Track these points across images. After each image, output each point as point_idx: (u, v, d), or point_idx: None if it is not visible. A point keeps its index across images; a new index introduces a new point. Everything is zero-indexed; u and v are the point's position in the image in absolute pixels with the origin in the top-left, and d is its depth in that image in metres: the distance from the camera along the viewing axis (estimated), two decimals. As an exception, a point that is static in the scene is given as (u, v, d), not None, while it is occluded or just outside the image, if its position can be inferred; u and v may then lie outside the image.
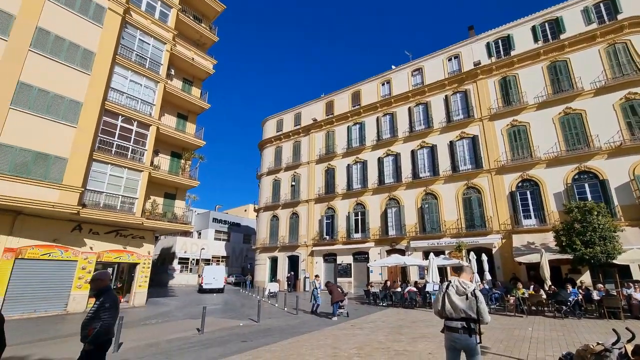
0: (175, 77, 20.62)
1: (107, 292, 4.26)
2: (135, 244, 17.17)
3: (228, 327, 11.15)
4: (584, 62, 19.65)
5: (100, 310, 4.07)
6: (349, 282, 25.70)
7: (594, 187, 17.88)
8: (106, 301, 4.13)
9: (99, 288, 4.28)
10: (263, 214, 33.59)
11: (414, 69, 27.22)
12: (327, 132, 31.00)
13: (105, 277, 4.50)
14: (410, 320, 12.41)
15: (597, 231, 13.57)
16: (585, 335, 9.08)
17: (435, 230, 22.35)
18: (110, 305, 4.14)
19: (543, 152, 19.67)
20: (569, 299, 12.69)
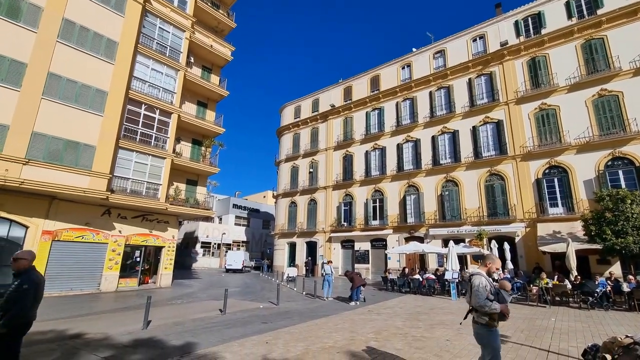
0: (194, 64, 20.84)
1: (26, 273, 3.91)
2: (161, 228, 17.88)
3: (249, 309, 11.54)
4: (623, 40, 18.22)
5: (17, 292, 3.74)
6: (366, 268, 25.85)
7: (629, 174, 16.88)
8: (24, 282, 3.80)
9: (19, 269, 3.91)
10: (281, 200, 34.03)
11: (436, 51, 26.20)
12: (345, 118, 30.66)
13: (28, 257, 4.04)
14: (428, 307, 12.39)
15: (630, 220, 12.90)
16: (613, 327, 8.78)
17: (456, 217, 21.93)
18: (28, 287, 3.80)
19: (573, 137, 18.68)
20: (597, 290, 12.24)
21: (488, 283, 3.94)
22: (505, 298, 3.89)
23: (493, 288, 3.90)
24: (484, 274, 4.02)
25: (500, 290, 3.94)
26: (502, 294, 3.89)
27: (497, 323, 3.86)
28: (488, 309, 3.79)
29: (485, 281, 3.96)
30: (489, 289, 3.87)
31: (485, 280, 3.97)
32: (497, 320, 3.84)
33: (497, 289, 3.92)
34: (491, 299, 3.82)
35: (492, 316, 3.85)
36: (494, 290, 3.89)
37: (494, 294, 3.87)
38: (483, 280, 3.96)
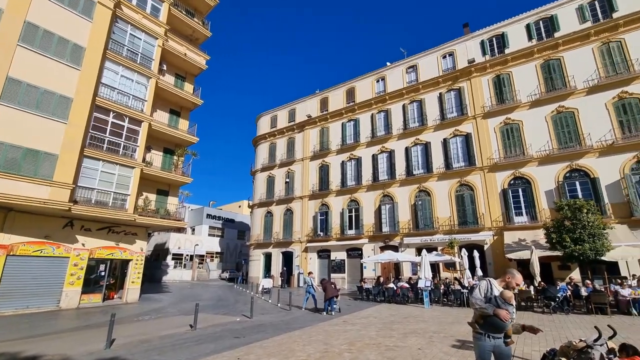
0: (167, 72, 20.39)
1: None
2: (128, 241, 17.07)
3: (221, 323, 11.18)
4: (577, 61, 19.80)
5: None
6: (342, 278, 25.86)
7: (585, 185, 18.13)
8: None
9: None
10: (257, 210, 33.56)
11: (409, 66, 27.23)
12: (322, 129, 30.96)
13: None
14: (402, 316, 12.54)
15: (587, 229, 13.80)
16: (572, 331, 9.26)
17: (428, 226, 22.52)
18: None
19: (535, 150, 19.87)
20: (558, 295, 12.92)
21: (489, 289, 3.88)
22: (500, 307, 3.72)
23: (491, 295, 3.81)
24: (493, 281, 3.96)
25: (497, 298, 3.78)
26: (499, 302, 3.74)
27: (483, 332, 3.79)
28: (478, 307, 3.76)
29: (486, 285, 3.92)
30: (485, 292, 3.84)
31: (487, 284, 3.93)
32: (484, 328, 3.79)
33: (493, 297, 3.80)
34: (483, 300, 3.80)
35: (478, 320, 3.83)
36: (490, 295, 3.81)
37: (487, 299, 3.80)
38: (484, 285, 3.93)
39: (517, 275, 3.97)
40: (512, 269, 4.12)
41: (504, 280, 3.99)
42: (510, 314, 3.73)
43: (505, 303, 3.77)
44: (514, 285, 3.95)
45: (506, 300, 3.78)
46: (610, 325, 4.08)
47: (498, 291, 3.89)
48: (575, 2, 20.77)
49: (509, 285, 3.94)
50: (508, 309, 3.74)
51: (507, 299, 3.80)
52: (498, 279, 4.08)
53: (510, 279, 3.94)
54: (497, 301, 3.76)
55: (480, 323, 3.84)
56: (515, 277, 3.94)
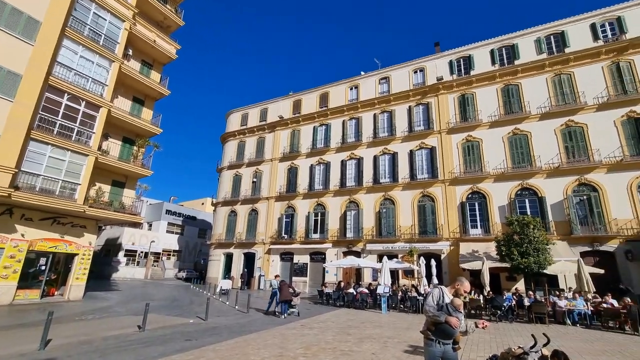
0: (133, 58, 19.29)
1: None
2: (75, 233, 15.81)
3: (173, 325, 10.66)
4: (533, 89, 21.45)
5: None
6: (304, 281, 25.76)
7: (533, 203, 19.59)
8: None
9: None
10: (221, 209, 32.60)
11: (382, 77, 28.00)
12: (293, 131, 30.86)
13: None
14: (360, 321, 12.70)
15: (532, 243, 14.89)
16: (514, 338, 9.89)
17: (391, 234, 23.13)
18: None
19: (492, 168, 21.17)
20: (504, 304, 13.77)
21: (441, 296, 4.02)
22: (452, 315, 3.88)
23: (443, 302, 3.96)
24: (444, 289, 4.14)
25: (448, 305, 3.94)
26: (450, 309, 3.90)
27: (434, 338, 3.92)
28: (431, 314, 3.90)
29: (438, 293, 4.07)
30: (437, 300, 3.98)
31: (439, 292, 4.08)
32: (435, 335, 3.92)
33: (445, 304, 3.95)
34: (435, 307, 3.94)
35: (430, 327, 3.96)
36: (442, 303, 3.96)
37: (438, 306, 3.93)
38: (437, 292, 4.09)
39: (466, 283, 4.19)
40: (462, 277, 4.34)
41: (454, 287, 4.19)
42: (459, 321, 3.92)
43: (456, 310, 3.96)
44: (462, 292, 4.15)
45: (456, 308, 3.98)
46: (545, 333, 4.39)
47: (449, 299, 4.07)
48: (534, 34, 22.57)
49: (458, 292, 4.15)
50: (458, 316, 3.94)
51: (457, 307, 4.00)
52: (448, 287, 4.27)
53: (459, 286, 4.15)
54: (448, 308, 3.94)
55: (432, 330, 3.99)
56: (464, 284, 4.15)
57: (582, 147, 19.16)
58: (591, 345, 9.17)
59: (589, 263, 16.50)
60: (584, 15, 21.39)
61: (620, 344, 9.45)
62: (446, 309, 3.93)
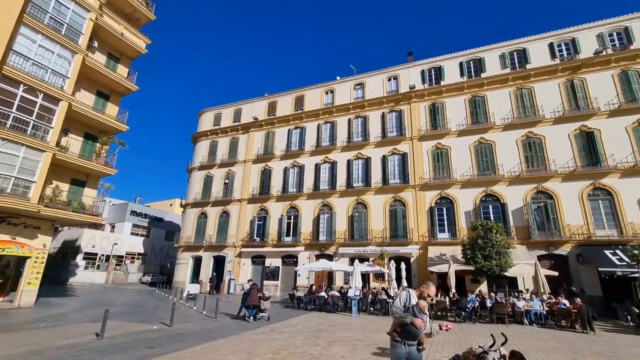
0: (98, 50, 18.29)
1: None
2: (28, 235, 14.64)
3: (134, 332, 10.13)
4: (498, 101, 22.70)
5: None
6: (275, 285, 25.46)
7: (496, 209, 20.64)
8: None
9: None
10: (190, 210, 31.54)
11: (357, 83, 28.47)
12: (267, 133, 30.57)
13: None
14: (330, 324, 12.73)
15: (495, 247, 15.69)
16: (477, 338, 10.32)
17: (363, 238, 23.45)
18: None
19: (459, 175, 22.09)
20: (468, 306, 14.36)
21: (408, 299, 4.13)
22: (418, 317, 4.00)
23: (410, 305, 4.07)
24: (411, 291, 4.25)
25: (414, 307, 4.06)
26: (415, 311, 4.02)
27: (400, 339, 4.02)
28: (398, 316, 4.01)
29: (406, 295, 4.17)
30: (404, 302, 4.09)
31: (407, 295, 4.18)
32: (401, 336, 4.02)
33: (411, 306, 4.07)
34: (402, 309, 4.04)
35: (397, 328, 4.05)
36: (408, 305, 4.07)
37: (405, 308, 4.05)
38: (404, 295, 4.19)
39: (432, 287, 4.36)
40: (428, 282, 4.52)
41: (420, 290, 4.33)
42: (424, 323, 4.04)
43: (421, 312, 4.09)
44: (427, 295, 4.31)
45: (421, 310, 4.11)
46: (503, 333, 4.62)
47: (415, 301, 4.19)
48: (499, 50, 23.94)
49: (423, 295, 4.30)
50: (423, 317, 4.06)
51: (422, 309, 4.15)
52: (415, 290, 4.40)
53: (425, 289, 4.31)
54: (414, 310, 4.06)
55: (398, 331, 4.08)
56: (430, 288, 4.32)
57: (540, 157, 20.49)
58: (545, 344, 9.77)
59: (544, 266, 17.61)
60: (543, 35, 22.99)
61: (570, 342, 10.13)
62: (412, 310, 4.06)
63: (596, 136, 19.51)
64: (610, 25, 21.44)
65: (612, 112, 19.63)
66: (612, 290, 16.84)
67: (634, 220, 17.51)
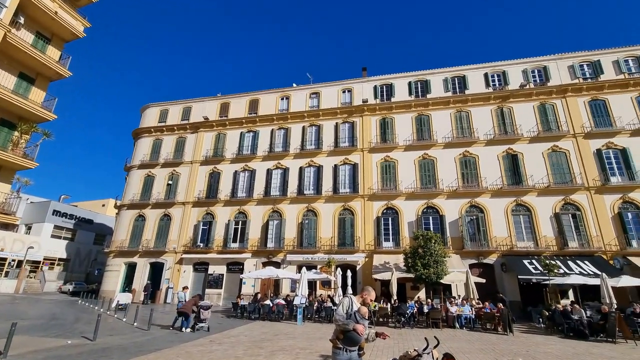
0: (25, 28, 16.13)
1: None
2: None
3: (47, 348, 8.87)
4: (440, 121, 24.65)
5: None
6: (218, 293, 24.31)
7: (436, 220, 22.17)
8: None
9: None
10: (126, 212, 28.92)
11: (312, 92, 28.89)
12: (218, 134, 29.48)
13: None
14: (274, 333, 12.45)
15: (433, 256, 16.79)
16: (414, 342, 10.85)
17: (312, 245, 23.52)
18: None
19: (405, 187, 23.39)
20: (407, 312, 15.09)
21: (351, 305, 4.22)
22: (359, 322, 4.12)
23: (352, 311, 4.17)
24: (353, 298, 4.33)
25: (356, 314, 4.17)
26: (357, 317, 4.14)
27: (342, 346, 4.07)
28: (341, 323, 4.07)
29: (348, 302, 4.26)
30: (347, 309, 4.17)
31: (349, 301, 4.27)
32: (343, 342, 4.07)
33: (353, 312, 4.18)
34: (344, 316, 4.12)
35: (339, 335, 4.09)
36: (351, 312, 4.16)
37: (347, 315, 4.14)
38: (347, 301, 4.27)
39: (372, 292, 4.53)
40: (369, 287, 4.65)
41: (362, 296, 4.47)
42: (365, 328, 4.15)
43: (362, 318, 4.21)
44: (368, 301, 4.46)
45: (362, 316, 4.25)
46: (435, 336, 4.92)
47: (357, 307, 4.30)
48: (442, 74, 26.14)
49: (365, 301, 4.44)
50: (364, 323, 4.17)
51: (363, 314, 4.31)
52: (357, 296, 4.51)
53: (366, 295, 4.46)
54: (356, 316, 4.18)
55: (340, 338, 4.13)
56: (370, 293, 4.48)
57: (474, 175, 22.59)
58: (472, 345, 10.62)
59: (474, 274, 19.23)
60: (480, 65, 25.65)
61: (493, 343, 11.15)
62: (354, 317, 4.18)
63: (519, 158, 22.12)
64: (533, 63, 24.68)
65: (532, 138, 22.48)
66: (528, 296, 19.01)
67: (547, 234, 20.06)
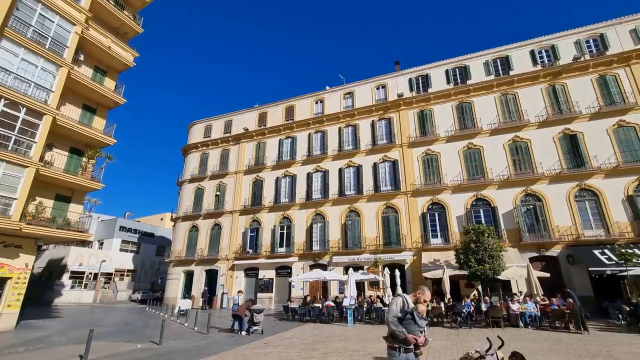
0: (84, 64, 18.10)
1: None
2: (9, 254, 14.10)
3: (121, 352, 9.72)
4: (483, 106, 23.16)
5: None
6: (270, 297, 25.00)
7: (487, 213, 20.81)
8: None
9: None
10: (181, 224, 31.00)
11: (346, 92, 28.77)
12: (258, 143, 30.50)
13: None
14: (325, 335, 12.47)
15: (487, 251, 15.70)
16: (473, 342, 10.22)
17: (357, 246, 23.31)
18: None
19: (449, 180, 22.29)
20: (463, 311, 14.27)
21: (406, 304, 3.98)
22: (417, 322, 3.89)
23: (409, 308, 3.92)
24: (406, 296, 4.09)
25: (414, 312, 3.92)
26: (415, 316, 3.89)
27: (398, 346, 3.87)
28: (393, 327, 3.84)
29: (402, 301, 4.01)
30: (401, 307, 3.94)
31: (403, 300, 4.03)
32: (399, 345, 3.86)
33: (411, 310, 3.93)
34: (399, 316, 3.89)
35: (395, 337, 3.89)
36: (407, 309, 3.92)
37: (402, 313, 3.91)
38: (400, 300, 4.03)
39: (427, 292, 4.25)
40: (423, 286, 4.39)
41: (415, 295, 4.22)
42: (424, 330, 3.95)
43: (421, 318, 4.00)
44: (422, 300, 4.19)
45: (421, 314, 4.02)
46: (499, 336, 4.55)
47: (413, 306, 4.09)
48: (483, 57, 24.55)
49: (418, 300, 4.18)
50: (422, 324, 3.97)
51: (421, 312, 4.07)
52: (410, 295, 4.30)
53: (420, 295, 4.20)
54: (414, 315, 3.94)
55: (395, 336, 3.95)
56: (425, 293, 4.21)
57: (527, 161, 20.85)
58: (541, 345, 9.72)
59: (536, 268, 17.73)
60: (524, 42, 23.70)
61: (565, 343, 10.11)
62: (412, 315, 3.94)
63: (579, 139, 19.99)
64: (587, 33, 22.24)
65: (593, 115, 20.21)
66: (602, 290, 17.01)
67: (620, 220, 17.85)
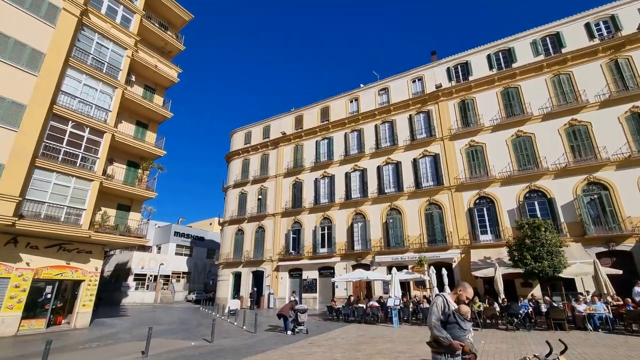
0: (135, 83, 19.78)
1: None
2: (81, 259, 15.80)
3: (177, 349, 10.40)
4: (532, 90, 21.33)
5: None
6: (314, 297, 25.26)
7: (543, 205, 19.11)
8: None
9: None
10: (228, 228, 32.52)
11: (381, 89, 28.20)
12: (296, 146, 31.02)
13: None
14: (370, 336, 12.27)
15: (545, 246, 14.39)
16: (532, 346, 9.41)
17: (399, 245, 22.69)
18: None
19: (497, 172, 20.83)
20: (520, 312, 13.21)
21: (446, 305, 3.76)
22: (460, 324, 3.66)
23: (449, 311, 3.70)
24: (447, 296, 3.88)
25: (455, 314, 3.70)
26: (457, 318, 3.66)
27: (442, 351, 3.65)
28: (437, 332, 3.64)
29: (442, 301, 3.80)
30: (442, 309, 3.72)
31: (443, 300, 3.81)
32: (444, 349, 3.65)
33: (451, 312, 3.71)
34: (441, 319, 3.69)
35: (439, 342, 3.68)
36: (448, 311, 3.70)
37: (445, 315, 3.70)
38: (440, 301, 3.82)
39: (469, 289, 3.94)
40: (464, 282, 4.08)
41: (456, 293, 3.94)
42: (469, 333, 3.68)
43: (464, 320, 3.72)
44: (464, 298, 3.89)
45: (464, 316, 3.74)
46: (561, 339, 4.11)
47: (454, 306, 3.83)
48: (529, 37, 22.63)
49: (460, 298, 3.89)
50: (467, 326, 3.70)
51: (464, 314, 3.75)
52: (450, 293, 4.04)
53: (462, 292, 3.90)
54: (456, 317, 3.69)
55: (439, 341, 3.74)
56: (467, 290, 3.91)
57: (588, 146, 18.81)
58: (615, 351, 8.66)
59: (606, 264, 15.91)
60: (577, 15, 21.44)
61: (647, 349, 8.90)
62: (454, 317, 3.67)
63: (653, 117, 17.58)
64: (656, -5, 19.50)
65: (669, 88, 17.65)
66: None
67: None
